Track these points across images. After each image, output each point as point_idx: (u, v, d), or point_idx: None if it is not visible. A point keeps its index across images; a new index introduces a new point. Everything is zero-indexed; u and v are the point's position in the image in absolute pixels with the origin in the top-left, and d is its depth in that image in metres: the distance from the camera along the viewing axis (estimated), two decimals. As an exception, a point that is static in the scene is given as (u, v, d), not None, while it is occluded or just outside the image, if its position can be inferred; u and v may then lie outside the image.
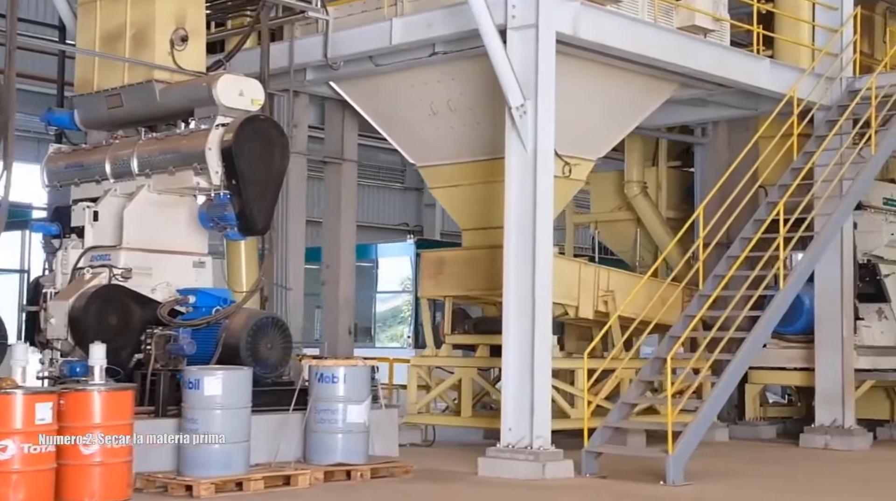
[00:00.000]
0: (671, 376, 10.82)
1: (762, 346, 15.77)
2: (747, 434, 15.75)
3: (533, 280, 10.84)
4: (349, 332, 14.77)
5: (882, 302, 16.30)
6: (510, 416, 10.82)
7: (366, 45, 12.54)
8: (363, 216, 34.31)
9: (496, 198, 12.40)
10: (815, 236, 12.74)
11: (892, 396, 16.31)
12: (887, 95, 13.90)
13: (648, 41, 12.45)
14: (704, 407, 10.97)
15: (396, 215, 35.78)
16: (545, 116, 11.06)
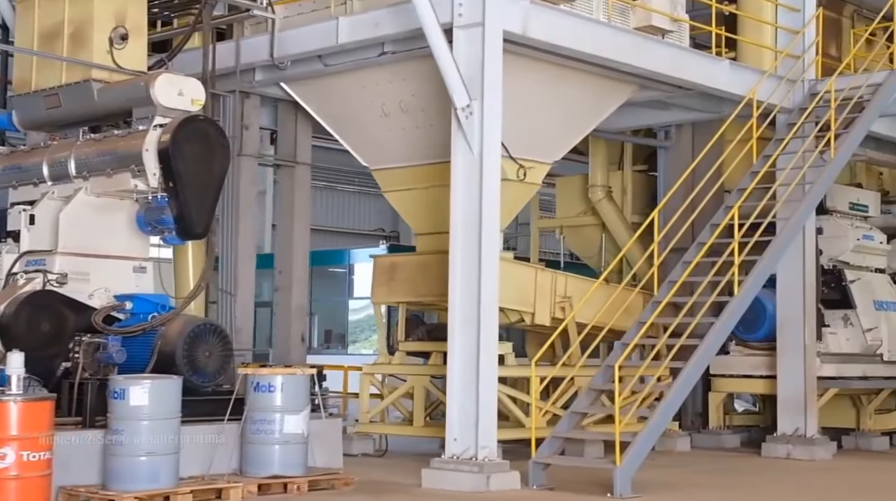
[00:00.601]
0: (618, 384, 10.50)
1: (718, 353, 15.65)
2: (710, 444, 15.47)
3: (479, 286, 10.53)
4: (302, 339, 14.42)
5: (848, 308, 16.06)
6: (455, 426, 10.51)
7: (312, 45, 12.23)
8: (338, 222, 34.11)
9: (449, 202, 12.13)
10: (772, 240, 12.43)
11: (858, 404, 16.05)
12: (847, 97, 13.65)
13: (603, 41, 12.16)
14: (654, 417, 10.65)
15: (372, 221, 35.51)
16: (492, 117, 10.76)
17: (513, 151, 12.68)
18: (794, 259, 14.26)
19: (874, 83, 13.95)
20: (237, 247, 13.61)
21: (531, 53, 12.03)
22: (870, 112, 13.66)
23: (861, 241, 16.49)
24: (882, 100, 13.81)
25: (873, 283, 16.45)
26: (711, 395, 15.80)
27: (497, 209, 10.76)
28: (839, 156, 13.23)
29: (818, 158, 13.18)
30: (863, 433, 15.87)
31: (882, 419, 16.08)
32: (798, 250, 14.24)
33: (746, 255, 12.10)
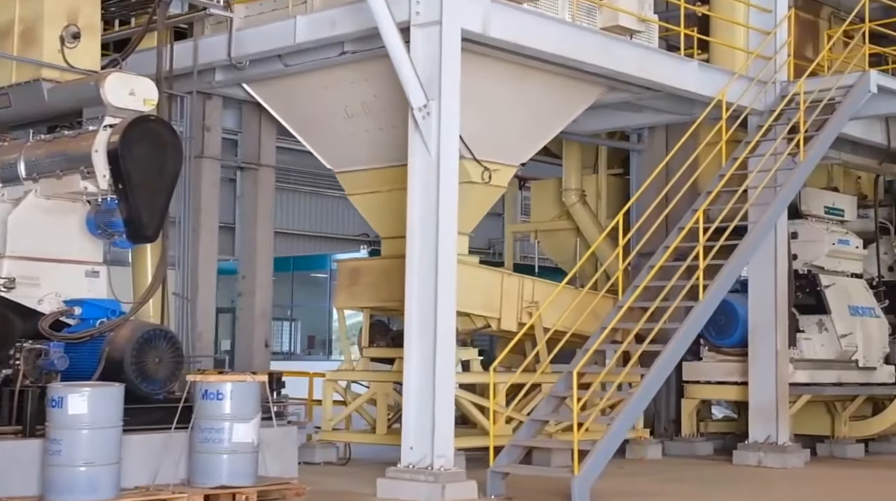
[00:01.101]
0: (577, 391, 10.24)
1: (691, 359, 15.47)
2: (683, 451, 15.23)
3: (436, 291, 10.29)
4: (265, 345, 14.15)
5: (822, 314, 15.85)
6: (411, 434, 10.25)
7: (270, 45, 11.99)
8: (322, 227, 33.83)
9: None
10: (738, 244, 12.19)
11: (833, 411, 15.82)
12: (816, 99, 13.44)
13: (567, 42, 11.94)
14: (614, 425, 10.40)
15: (356, 226, 35.26)
16: (450, 117, 10.53)
17: (477, 153, 12.47)
18: (766, 264, 14.05)
19: (845, 85, 13.73)
20: (197, 251, 13.36)
21: (494, 53, 11.82)
22: (840, 114, 13.45)
23: (836, 245, 16.27)
24: (853, 102, 13.60)
25: (849, 288, 16.23)
26: (684, 402, 15.57)
27: (455, 212, 10.52)
28: (809, 158, 13.02)
29: (788, 161, 12.93)
30: (837, 441, 15.64)
31: (857, 426, 15.85)
32: (770, 254, 14.02)
33: (714, 259, 11.83)
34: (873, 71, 14.03)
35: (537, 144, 13.31)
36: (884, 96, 14.66)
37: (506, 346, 15.17)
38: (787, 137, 13.26)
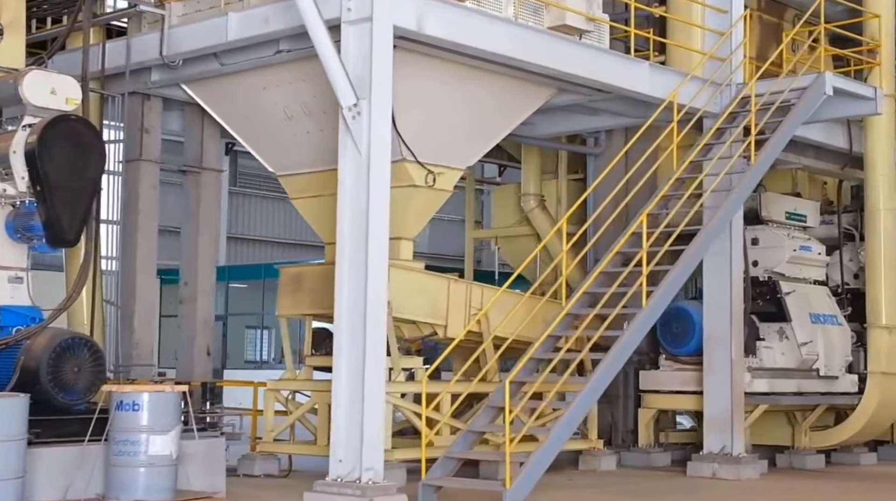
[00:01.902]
0: (509, 401, 9.87)
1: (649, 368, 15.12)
2: (639, 462, 14.85)
3: (365, 299, 9.90)
4: (207, 353, 13.73)
5: (783, 322, 15.51)
6: (340, 446, 9.86)
7: (203, 42, 11.61)
8: (293, 234, 33.39)
9: None
10: (685, 249, 11.84)
11: (793, 421, 15.46)
12: (768, 102, 13.11)
13: (510, 41, 11.58)
14: (550, 436, 10.02)
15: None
16: (381, 117, 10.15)
17: (420, 155, 12.12)
18: (721, 271, 13.70)
19: (799, 87, 13.42)
20: (135, 256, 12.96)
21: (436, 53, 11.47)
22: (794, 116, 13.13)
23: (798, 252, 15.95)
24: (808, 104, 13.29)
25: (810, 295, 15.90)
26: (641, 411, 15.19)
27: (386, 216, 10.14)
28: (760, 161, 12.68)
29: (740, 164, 12.59)
30: (797, 451, 15.30)
31: (818, 436, 15.50)
32: (725, 261, 13.68)
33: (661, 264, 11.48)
34: (828, 73, 13.71)
35: (484, 147, 12.95)
36: (845, 99, 14.38)
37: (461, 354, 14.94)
38: (738, 140, 12.91)
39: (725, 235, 13.63)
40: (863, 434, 15.53)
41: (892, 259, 15.47)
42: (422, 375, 12.62)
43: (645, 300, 11.15)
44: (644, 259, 11.36)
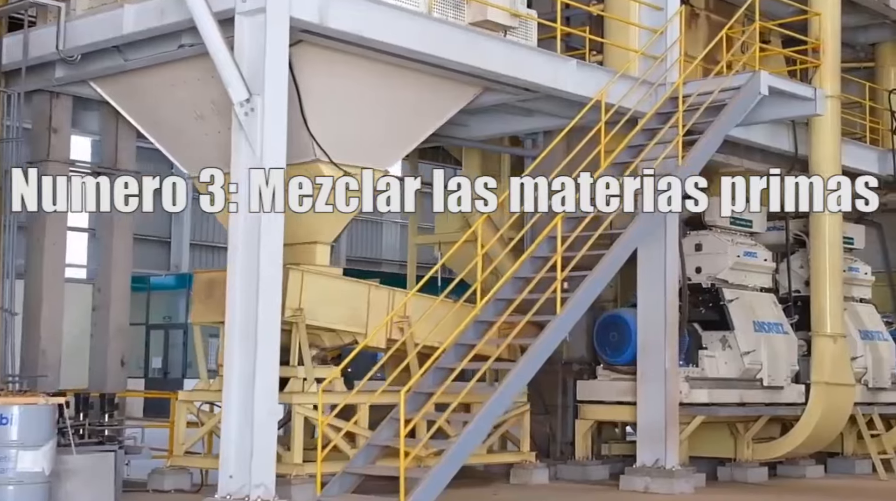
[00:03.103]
0: (404, 413, 9.35)
1: (586, 378, 14.63)
2: (575, 476, 14.34)
3: (257, 306, 9.37)
4: (122, 363, 13.18)
5: (726, 330, 15.03)
6: (231, 461, 9.33)
7: (100, 35, 11.07)
8: None
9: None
10: (604, 255, 11.35)
11: (735, 433, 14.97)
12: (694, 103, 12.65)
13: (425, 36, 11.09)
14: (450, 450, 9.50)
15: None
16: (275, 114, 9.64)
17: (336, 156, 11.63)
18: (656, 278, 13.22)
19: (734, 86, 12.96)
20: (41, 262, 12.41)
21: (350, 49, 10.99)
22: (726, 116, 12.66)
23: (742, 258, 15.46)
24: (741, 103, 12.82)
25: (754, 303, 15.40)
26: (578, 423, 14.67)
27: (280, 220, 9.62)
28: (689, 162, 12.19)
29: (668, 165, 12.11)
30: (739, 464, 14.80)
31: (761, 448, 15.00)
32: (659, 267, 13.20)
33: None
34: (764, 72, 13.24)
35: (405, 147, 12.47)
36: (785, 100, 13.94)
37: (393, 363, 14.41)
38: (667, 141, 12.42)
39: (660, 240, 13.16)
40: (807, 446, 15.05)
41: (838, 266, 15.02)
42: (340, 386, 12.14)
43: (559, 307, 10.64)
44: (559, 264, 10.87)
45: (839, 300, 15.02)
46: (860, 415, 15.78)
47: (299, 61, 10.87)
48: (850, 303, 17.07)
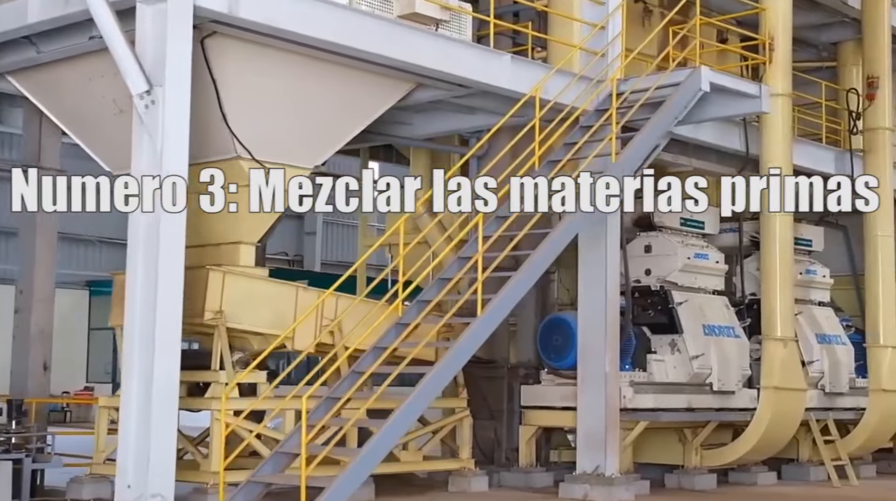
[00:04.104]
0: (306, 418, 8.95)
1: (530, 382, 14.25)
2: (519, 483, 13.95)
3: (155, 305, 8.97)
4: (44, 367, 12.76)
5: (675, 333, 14.65)
6: (129, 470, 8.93)
7: (6, 25, 10.67)
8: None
9: (200, 211, 10.78)
10: (529, 256, 10.96)
11: (684, 439, 14.58)
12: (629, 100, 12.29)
13: (345, 29, 10.72)
14: (357, 458, 9.09)
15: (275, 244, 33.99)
16: (177, 107, 9.25)
17: (258, 153, 11.24)
18: (597, 280, 12.84)
19: (672, 82, 12.59)
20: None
21: (271, 42, 10.63)
22: (664, 113, 12.30)
23: (692, 260, 15.09)
24: (679, 100, 12.45)
25: (704, 306, 15.03)
26: (522, 429, 14.26)
27: (182, 219, 9.23)
28: (623, 160, 11.81)
29: (602, 163, 11.74)
30: (687, 471, 14.41)
31: (710, 454, 14.61)
32: (600, 269, 12.82)
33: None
34: (705, 67, 12.88)
35: (333, 144, 12.05)
36: (732, 97, 13.58)
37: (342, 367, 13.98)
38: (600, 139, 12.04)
39: (601, 242, 12.80)
40: (758, 452, 14.67)
41: (788, 268, 14.66)
42: (266, 391, 11.73)
43: (480, 309, 10.25)
44: (480, 264, 10.50)
45: (790, 303, 14.64)
46: (813, 421, 15.42)
47: (216, 54, 10.51)
48: (808, 306, 16.80)
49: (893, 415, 16.36)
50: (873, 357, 16.25)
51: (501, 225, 11.42)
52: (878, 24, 16.72)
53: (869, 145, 16.72)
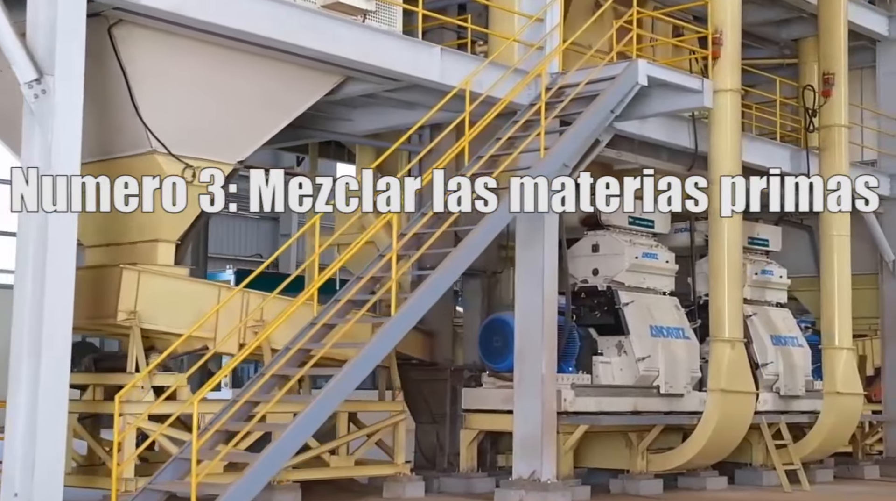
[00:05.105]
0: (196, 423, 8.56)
1: (471, 385, 13.88)
2: (459, 488, 13.56)
3: (42, 312, 8.56)
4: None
5: (621, 335, 14.29)
6: (16, 478, 8.52)
7: None
8: (213, 247, 32.08)
9: (115, 208, 10.39)
10: (450, 253, 10.58)
11: (631, 443, 14.19)
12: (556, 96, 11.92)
13: (259, 18, 10.34)
14: (256, 464, 8.69)
15: (250, 246, 33.63)
16: (69, 98, 8.82)
17: (175, 148, 10.85)
18: (534, 281, 12.46)
19: (608, 76, 12.22)
20: None
21: (182, 31, 10.23)
22: (596, 107, 11.91)
23: (640, 259, 14.73)
24: (614, 94, 12.07)
25: (652, 306, 14.66)
26: (463, 433, 13.86)
27: (73, 216, 8.80)
28: (551, 155, 11.42)
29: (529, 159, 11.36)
30: (632, 476, 14.03)
31: (657, 459, 14.23)
32: (537, 269, 12.44)
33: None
34: (642, 60, 12.49)
35: (257, 140, 11.63)
36: (676, 92, 13.21)
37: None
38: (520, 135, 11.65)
39: (538, 241, 12.43)
40: (705, 457, 14.28)
41: (737, 268, 14.28)
42: (187, 394, 11.34)
43: (394, 309, 9.87)
44: (394, 262, 10.12)
45: (738, 304, 14.26)
46: (765, 424, 15.06)
47: (125, 43, 10.14)
48: (763, 307, 16.47)
49: (849, 418, 16.00)
50: (828, 359, 15.88)
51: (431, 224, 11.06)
52: (834, 20, 16.36)
53: (825, 143, 16.35)
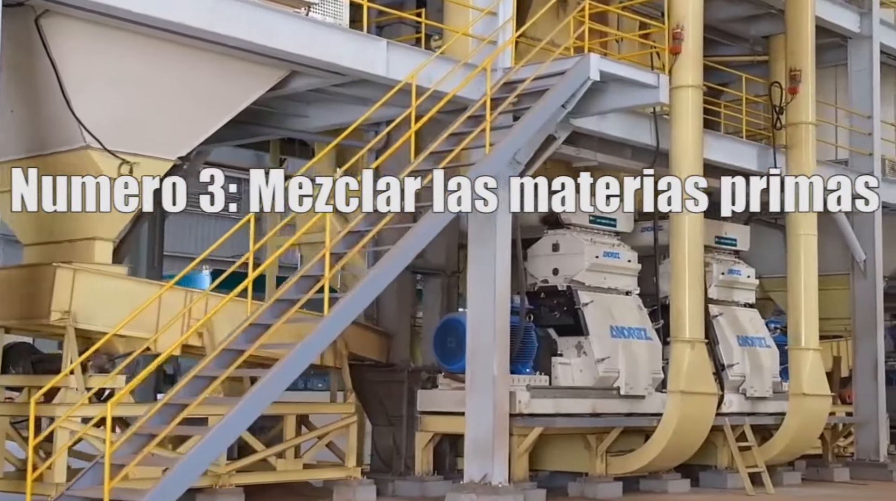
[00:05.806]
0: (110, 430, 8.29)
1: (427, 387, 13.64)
2: (413, 492, 13.32)
3: None
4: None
5: (581, 335, 14.04)
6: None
7: None
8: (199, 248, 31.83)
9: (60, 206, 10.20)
10: (389, 250, 10.33)
11: (590, 446, 13.92)
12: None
13: (191, 9, 10.11)
14: (174, 469, 8.42)
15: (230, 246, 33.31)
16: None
17: (111, 143, 10.60)
18: (486, 280, 12.19)
19: (559, 70, 11.97)
20: None
21: (114, 23, 9.99)
22: (545, 102, 11.66)
23: (601, 259, 14.48)
24: (564, 89, 11.82)
25: (613, 306, 14.41)
26: (418, 435, 13.60)
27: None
28: (496, 152, 11.16)
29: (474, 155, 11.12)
30: (589, 479, 13.77)
31: (616, 462, 13.96)
32: (489, 269, 12.17)
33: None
34: (594, 55, 12.24)
35: (197, 134, 11.34)
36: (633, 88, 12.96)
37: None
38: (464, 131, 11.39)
39: (490, 240, 12.18)
40: (666, 459, 14.02)
41: (698, 267, 14.03)
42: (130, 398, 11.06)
43: (327, 309, 9.61)
44: (327, 261, 9.87)
45: (699, 304, 14.00)
46: (728, 426, 14.81)
47: (54, 35, 9.90)
48: (730, 308, 16.23)
49: (815, 420, 15.76)
50: (794, 360, 15.65)
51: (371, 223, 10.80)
52: (801, 16, 16.15)
53: (792, 140, 16.12)
